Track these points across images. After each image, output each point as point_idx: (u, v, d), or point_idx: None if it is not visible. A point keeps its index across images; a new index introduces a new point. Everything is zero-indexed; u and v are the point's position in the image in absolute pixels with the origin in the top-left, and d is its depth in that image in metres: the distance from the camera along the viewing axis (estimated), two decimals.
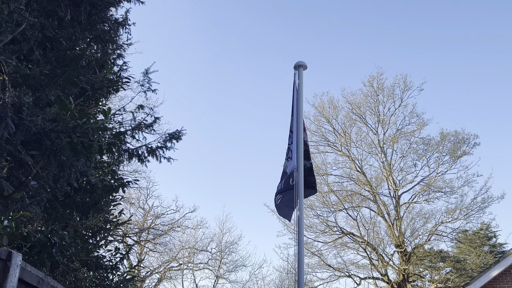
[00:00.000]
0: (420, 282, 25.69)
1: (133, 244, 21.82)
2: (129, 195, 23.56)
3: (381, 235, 24.00)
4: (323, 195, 23.74)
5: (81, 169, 4.68)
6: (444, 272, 26.56)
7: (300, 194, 5.39)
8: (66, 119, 3.52)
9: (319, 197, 23.77)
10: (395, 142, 24.18)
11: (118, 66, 7.99)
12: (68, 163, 3.87)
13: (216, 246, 29.32)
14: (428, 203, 23.42)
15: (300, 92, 5.74)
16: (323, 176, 24.20)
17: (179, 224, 27.10)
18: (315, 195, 23.41)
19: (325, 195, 23.80)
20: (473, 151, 23.18)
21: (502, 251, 29.18)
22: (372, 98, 24.87)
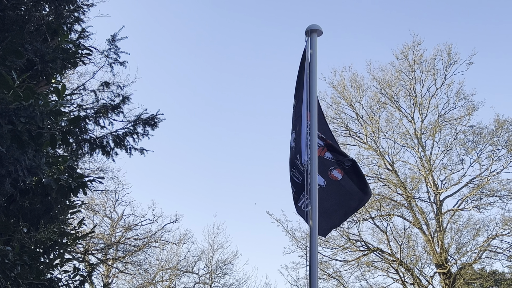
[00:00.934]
0: None
1: (98, 263, 21.87)
2: (92, 201, 23.58)
3: (418, 252, 24.06)
4: None
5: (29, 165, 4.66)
6: None
7: (313, 196, 5.38)
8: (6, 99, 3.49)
9: None
10: (436, 132, 24.18)
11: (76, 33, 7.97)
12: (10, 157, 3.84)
13: (205, 266, 29.36)
14: (479, 211, 23.46)
15: (314, 64, 5.71)
16: None
17: (157, 238, 27.11)
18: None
19: None
20: None
21: None
22: (406, 74, 24.86)
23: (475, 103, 24.17)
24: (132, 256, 25.69)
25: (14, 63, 4.15)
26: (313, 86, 5.66)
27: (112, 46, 7.45)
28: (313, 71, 5.72)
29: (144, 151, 8.20)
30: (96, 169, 20.38)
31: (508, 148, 23.28)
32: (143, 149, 8.18)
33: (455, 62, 24.32)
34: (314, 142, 5.58)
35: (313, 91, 5.65)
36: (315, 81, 5.70)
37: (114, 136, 7.84)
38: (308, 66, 5.75)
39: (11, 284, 6.31)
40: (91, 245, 22.38)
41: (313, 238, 5.35)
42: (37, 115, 3.66)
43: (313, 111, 5.65)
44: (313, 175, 5.47)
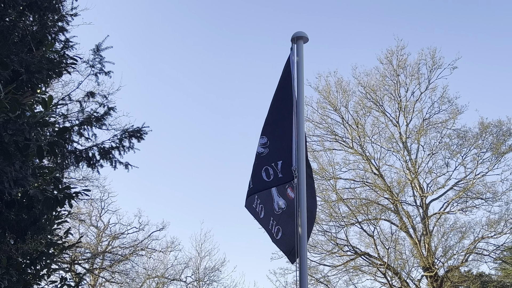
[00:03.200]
0: None
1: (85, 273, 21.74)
2: (77, 210, 23.44)
3: (405, 256, 24.15)
4: (331, 205, 23.84)
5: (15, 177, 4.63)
6: None
7: (302, 204, 5.38)
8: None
9: (325, 208, 23.86)
10: (421, 136, 24.32)
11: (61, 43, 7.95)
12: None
13: (193, 274, 29.30)
14: (465, 214, 23.61)
15: (301, 71, 5.72)
16: (330, 181, 24.30)
17: (144, 247, 27.01)
18: (319, 205, 23.48)
19: (333, 205, 23.91)
20: None
21: None
22: (391, 79, 24.99)
23: (459, 107, 24.36)
24: (119, 265, 25.59)
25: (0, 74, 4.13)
26: (300, 93, 5.68)
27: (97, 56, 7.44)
28: (300, 78, 5.74)
29: (128, 165, 8.17)
30: (81, 178, 20.27)
31: (492, 150, 23.47)
32: (128, 163, 8.15)
33: (439, 67, 24.49)
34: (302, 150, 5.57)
35: (300, 98, 5.67)
36: (301, 88, 5.72)
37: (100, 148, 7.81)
38: (294, 73, 5.77)
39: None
40: (77, 254, 22.26)
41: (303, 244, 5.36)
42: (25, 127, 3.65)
43: (300, 118, 5.66)
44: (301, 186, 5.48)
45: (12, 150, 4.25)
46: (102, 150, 7.27)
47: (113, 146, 7.39)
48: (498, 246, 23.45)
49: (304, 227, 5.40)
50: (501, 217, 23.18)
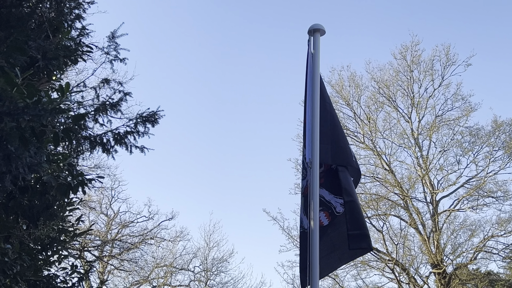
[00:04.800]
0: None
1: (94, 260, 21.84)
2: (88, 198, 23.55)
3: (413, 252, 24.12)
4: None
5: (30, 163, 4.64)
6: None
7: (315, 195, 5.36)
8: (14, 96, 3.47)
9: None
10: (433, 132, 24.22)
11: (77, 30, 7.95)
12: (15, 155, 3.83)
13: (201, 264, 29.40)
14: (475, 212, 23.53)
15: (316, 63, 5.70)
16: None
17: (153, 236, 27.10)
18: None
19: None
20: None
21: None
22: (404, 74, 24.88)
23: (472, 104, 24.23)
24: (128, 253, 25.69)
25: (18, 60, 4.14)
26: (315, 86, 5.65)
27: (112, 43, 7.45)
28: (316, 71, 5.72)
29: (144, 149, 8.19)
30: (93, 166, 20.38)
31: (505, 149, 23.34)
32: (144, 147, 8.16)
33: (453, 63, 24.37)
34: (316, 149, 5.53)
35: (315, 91, 5.64)
36: (317, 81, 5.69)
37: (114, 134, 7.83)
38: (310, 65, 5.75)
39: (10, 282, 6.30)
40: (87, 242, 22.37)
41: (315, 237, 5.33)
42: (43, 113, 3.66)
43: (315, 113, 5.62)
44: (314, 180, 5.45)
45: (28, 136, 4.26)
46: (117, 136, 7.29)
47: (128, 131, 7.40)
48: (507, 245, 23.39)
49: (316, 221, 5.37)
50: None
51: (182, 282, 29.02)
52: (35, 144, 4.52)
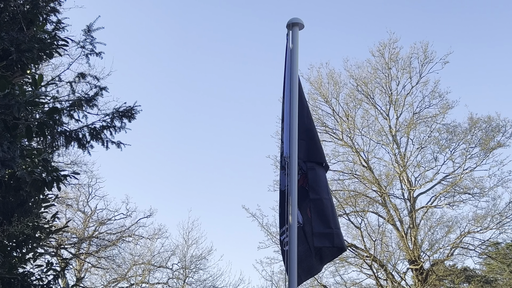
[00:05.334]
0: None
1: (71, 258, 21.61)
2: (65, 194, 23.27)
3: (391, 248, 24.25)
4: None
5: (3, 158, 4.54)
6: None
7: (293, 191, 5.32)
8: None
9: None
10: (411, 129, 24.36)
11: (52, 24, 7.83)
12: None
13: (179, 262, 29.24)
14: (452, 208, 23.71)
15: (295, 58, 5.66)
16: None
17: (131, 233, 26.91)
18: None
19: None
20: (510, 142, 23.47)
21: None
22: (382, 72, 24.98)
23: (449, 102, 24.40)
24: (105, 250, 25.48)
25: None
26: (294, 80, 5.61)
27: (88, 36, 7.34)
28: (294, 66, 5.68)
29: (121, 144, 8.10)
30: (70, 163, 20.15)
31: (481, 146, 23.55)
32: (120, 142, 8.09)
33: (430, 61, 24.50)
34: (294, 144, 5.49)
35: (294, 86, 5.60)
36: (296, 75, 5.65)
37: (90, 129, 7.73)
38: (289, 60, 5.71)
39: None
40: (64, 239, 22.14)
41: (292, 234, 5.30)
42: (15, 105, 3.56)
43: (293, 107, 5.58)
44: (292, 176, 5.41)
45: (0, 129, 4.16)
46: (93, 131, 7.19)
47: (104, 126, 7.30)
48: (483, 241, 23.64)
49: (294, 215, 5.34)
50: (488, 213, 23.33)
51: (160, 279, 28.89)
52: (8, 138, 4.42)
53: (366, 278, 23.97)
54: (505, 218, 23.06)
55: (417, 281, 22.66)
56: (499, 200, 23.39)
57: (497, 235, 23.62)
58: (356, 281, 24.15)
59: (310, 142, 5.73)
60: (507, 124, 23.66)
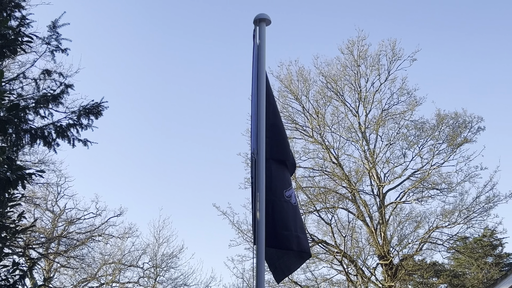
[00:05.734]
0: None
1: (39, 258, 21.31)
2: (32, 194, 22.96)
3: (361, 244, 24.41)
4: None
5: None
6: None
7: (261, 186, 5.31)
8: None
9: None
10: (380, 126, 24.55)
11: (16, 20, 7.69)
12: None
13: (150, 261, 29.08)
14: (420, 203, 23.97)
15: (262, 54, 5.64)
16: None
17: (101, 232, 26.66)
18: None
19: None
20: (476, 137, 23.80)
21: (510, 263, 30.33)
22: (352, 69, 25.13)
23: (417, 98, 24.65)
24: (75, 250, 25.21)
25: None
26: (261, 77, 5.59)
27: (53, 32, 7.21)
28: (262, 62, 5.66)
29: (87, 142, 7.99)
30: (37, 162, 19.84)
31: (448, 142, 23.84)
32: (87, 140, 7.98)
33: (398, 58, 24.71)
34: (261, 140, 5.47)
35: (261, 82, 5.58)
36: (263, 71, 5.63)
37: (56, 126, 7.61)
38: (256, 56, 5.68)
39: None
40: (31, 239, 21.83)
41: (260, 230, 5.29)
42: None
43: (261, 104, 5.56)
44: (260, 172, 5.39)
45: None
46: (59, 128, 7.06)
47: (70, 123, 7.18)
48: (451, 236, 23.94)
49: (262, 211, 5.33)
50: (455, 208, 23.63)
51: (131, 278, 28.72)
52: None
53: (337, 274, 24.12)
54: (472, 213, 23.36)
55: (387, 276, 22.85)
56: (466, 195, 23.75)
57: (465, 230, 23.98)
58: (327, 277, 24.29)
59: (273, 139, 5.68)
60: (473, 120, 24.03)
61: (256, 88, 5.57)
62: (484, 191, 23.29)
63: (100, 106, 7.56)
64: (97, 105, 7.48)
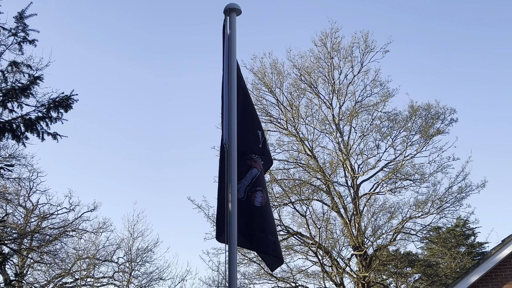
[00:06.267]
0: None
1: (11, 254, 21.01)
2: (4, 189, 22.63)
3: (336, 235, 24.52)
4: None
5: None
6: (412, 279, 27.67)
7: (233, 178, 5.26)
8: None
9: None
10: (353, 118, 24.63)
11: None
12: None
13: (125, 255, 28.90)
14: (394, 194, 24.13)
15: (233, 45, 5.57)
16: None
17: (74, 227, 26.41)
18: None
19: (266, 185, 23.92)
20: (449, 129, 24.05)
21: (482, 252, 30.77)
22: (325, 61, 25.16)
23: (390, 90, 24.81)
24: (48, 245, 24.92)
25: None
26: (232, 67, 5.52)
27: (20, 23, 7.02)
28: (232, 52, 5.59)
29: (57, 136, 7.83)
30: (7, 156, 19.53)
31: (421, 133, 24.04)
32: (57, 133, 7.82)
33: (371, 50, 24.83)
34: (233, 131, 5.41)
35: (232, 73, 5.52)
36: (234, 62, 5.56)
37: (25, 119, 7.45)
38: (227, 47, 5.61)
39: None
40: (3, 234, 21.52)
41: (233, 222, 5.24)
42: None
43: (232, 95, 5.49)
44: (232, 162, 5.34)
45: None
46: (28, 121, 6.90)
47: (39, 116, 7.03)
48: (424, 226, 24.13)
49: (234, 203, 5.28)
50: (428, 198, 23.83)
51: (106, 273, 28.53)
52: None
53: (312, 265, 24.20)
54: (445, 203, 23.60)
55: (361, 266, 23.00)
56: (439, 186, 24.00)
57: (438, 220, 24.20)
58: (302, 268, 24.36)
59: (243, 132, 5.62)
60: (446, 111, 24.26)
61: (227, 79, 5.50)
62: (456, 181, 23.57)
63: (70, 99, 7.41)
64: (67, 98, 7.33)
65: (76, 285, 26.93)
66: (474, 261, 25.83)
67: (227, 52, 5.58)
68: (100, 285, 28.20)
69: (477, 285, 13.83)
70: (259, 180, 5.84)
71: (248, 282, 24.39)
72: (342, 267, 23.74)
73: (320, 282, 24.10)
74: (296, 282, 24.19)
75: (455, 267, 25.83)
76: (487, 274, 13.83)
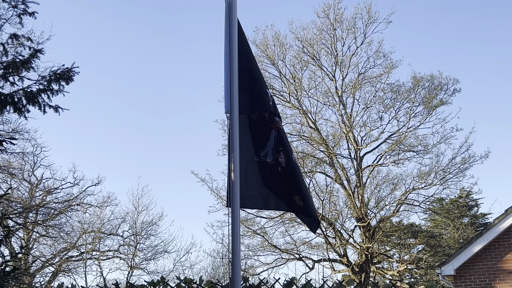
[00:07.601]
0: (386, 263, 26.78)
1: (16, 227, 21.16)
2: (8, 163, 22.70)
3: (339, 207, 24.63)
4: None
5: None
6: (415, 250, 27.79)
7: (235, 148, 5.23)
8: None
9: None
10: (356, 90, 24.55)
11: None
12: None
13: (130, 229, 29.08)
14: (397, 166, 24.19)
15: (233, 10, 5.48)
16: None
17: (79, 202, 26.54)
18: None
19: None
20: (452, 99, 24.01)
21: (485, 223, 30.86)
22: (328, 33, 24.98)
23: (393, 61, 24.69)
24: (53, 219, 25.08)
25: None
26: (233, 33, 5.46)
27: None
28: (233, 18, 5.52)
29: (59, 108, 7.81)
30: (11, 131, 19.54)
31: (424, 104, 23.97)
32: (58, 106, 7.79)
33: (374, 21, 24.64)
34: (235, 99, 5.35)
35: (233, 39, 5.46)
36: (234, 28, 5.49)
37: (26, 92, 7.43)
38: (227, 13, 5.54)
39: None
40: (8, 209, 21.64)
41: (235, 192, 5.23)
42: None
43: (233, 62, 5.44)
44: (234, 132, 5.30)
45: None
46: (29, 94, 6.87)
47: (41, 89, 6.99)
48: (428, 197, 24.23)
49: (236, 172, 5.26)
50: (431, 169, 23.89)
51: (111, 247, 28.73)
52: None
53: (316, 237, 24.31)
54: (448, 174, 23.65)
55: (365, 238, 23.12)
56: (442, 157, 24.05)
57: (441, 191, 24.28)
58: (306, 240, 24.49)
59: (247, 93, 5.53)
60: (449, 82, 24.18)
61: (228, 46, 5.44)
62: (459, 152, 23.60)
63: (71, 71, 7.37)
64: (68, 70, 7.29)
65: (82, 259, 27.16)
66: (477, 232, 25.93)
67: (228, 18, 5.51)
68: (106, 258, 28.43)
69: (480, 254, 13.90)
70: (280, 139, 5.70)
71: (252, 254, 24.58)
72: (346, 239, 23.88)
73: (323, 253, 24.28)
74: (300, 253, 24.36)
75: (458, 238, 25.91)
76: (490, 244, 13.89)
